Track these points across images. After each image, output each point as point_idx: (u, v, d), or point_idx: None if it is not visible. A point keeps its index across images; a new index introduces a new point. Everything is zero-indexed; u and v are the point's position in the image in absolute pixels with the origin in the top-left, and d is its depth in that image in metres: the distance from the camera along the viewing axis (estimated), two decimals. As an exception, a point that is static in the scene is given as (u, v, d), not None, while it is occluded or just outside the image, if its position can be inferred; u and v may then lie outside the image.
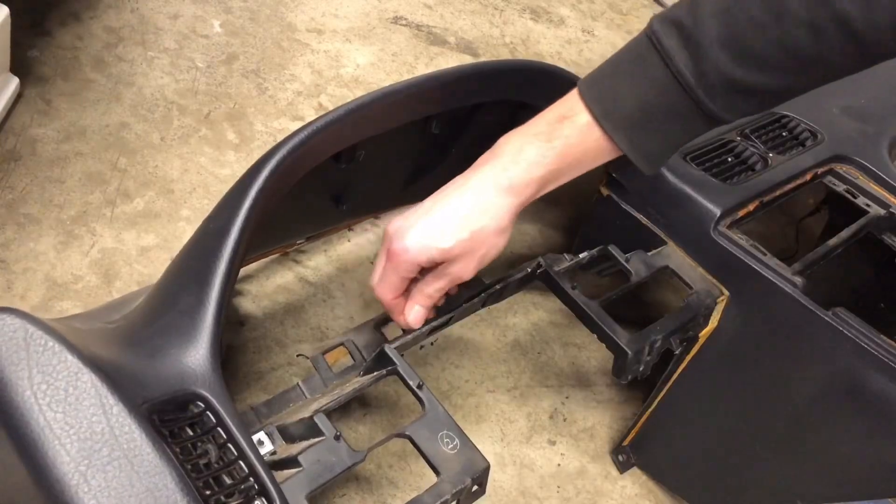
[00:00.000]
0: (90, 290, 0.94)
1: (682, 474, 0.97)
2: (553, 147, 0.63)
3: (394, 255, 0.65)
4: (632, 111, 0.61)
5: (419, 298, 0.69)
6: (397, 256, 0.64)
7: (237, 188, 0.64)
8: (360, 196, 0.90)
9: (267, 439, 0.61)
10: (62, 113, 1.10)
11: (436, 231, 0.64)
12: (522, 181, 0.63)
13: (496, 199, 0.64)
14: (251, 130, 1.18)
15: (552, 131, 0.63)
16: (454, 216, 0.64)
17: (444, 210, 0.64)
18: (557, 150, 0.63)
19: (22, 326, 0.48)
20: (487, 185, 0.64)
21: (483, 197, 0.64)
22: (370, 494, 0.89)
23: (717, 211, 0.82)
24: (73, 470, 0.45)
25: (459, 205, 0.64)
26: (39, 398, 0.46)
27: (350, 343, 0.75)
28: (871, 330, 0.74)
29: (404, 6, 1.51)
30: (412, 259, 0.64)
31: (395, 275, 0.66)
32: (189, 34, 1.28)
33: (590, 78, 0.64)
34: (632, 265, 0.83)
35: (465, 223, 0.63)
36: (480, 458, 0.62)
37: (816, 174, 0.94)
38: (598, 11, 1.72)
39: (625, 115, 0.61)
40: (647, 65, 0.60)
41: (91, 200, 1.02)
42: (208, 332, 0.56)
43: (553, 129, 0.63)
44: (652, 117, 0.61)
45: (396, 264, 0.65)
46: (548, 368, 1.07)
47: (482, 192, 0.64)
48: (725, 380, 0.86)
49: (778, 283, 0.78)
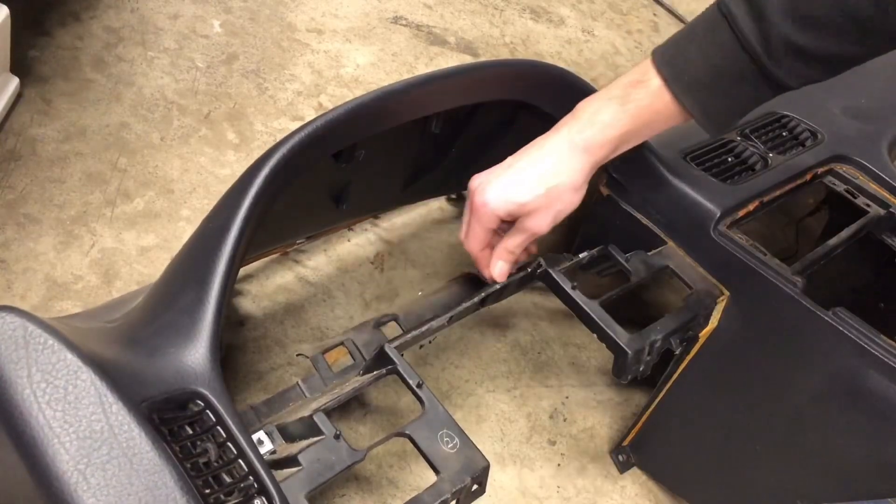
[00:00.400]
0: (90, 290, 0.94)
1: (682, 474, 0.96)
2: (626, 110, 0.67)
3: (476, 209, 0.71)
4: (700, 75, 0.64)
5: (501, 254, 0.74)
6: (479, 210, 0.70)
7: (237, 187, 0.63)
8: (360, 196, 0.90)
9: (266, 438, 0.61)
10: (62, 113, 1.10)
11: (514, 186, 0.69)
12: (597, 142, 0.68)
13: (571, 158, 0.68)
14: (251, 130, 1.18)
15: (626, 95, 0.67)
16: (532, 173, 0.69)
17: (523, 167, 0.69)
18: (630, 113, 0.67)
19: (21, 325, 0.48)
20: (563, 145, 0.68)
21: (559, 156, 0.68)
22: (370, 494, 0.89)
23: (717, 211, 0.82)
24: (73, 468, 0.45)
25: (537, 163, 0.69)
26: (39, 396, 0.46)
27: (350, 342, 0.75)
28: (871, 330, 0.74)
29: (404, 6, 1.51)
30: (492, 212, 0.70)
31: (479, 227, 0.72)
32: (189, 34, 1.28)
33: (663, 45, 0.67)
34: (632, 265, 0.83)
35: (541, 180, 0.68)
36: (480, 457, 0.62)
37: (816, 174, 0.94)
38: (598, 11, 1.72)
39: (694, 79, 0.64)
40: (717, 32, 0.63)
41: (91, 200, 1.02)
42: (208, 331, 0.56)
43: (627, 93, 0.67)
44: (720, 81, 0.64)
45: (479, 217, 0.71)
46: (548, 368, 1.07)
47: (559, 152, 0.68)
48: (725, 380, 0.86)
49: (778, 283, 0.78)
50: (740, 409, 0.85)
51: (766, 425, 0.83)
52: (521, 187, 0.69)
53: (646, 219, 0.87)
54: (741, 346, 0.83)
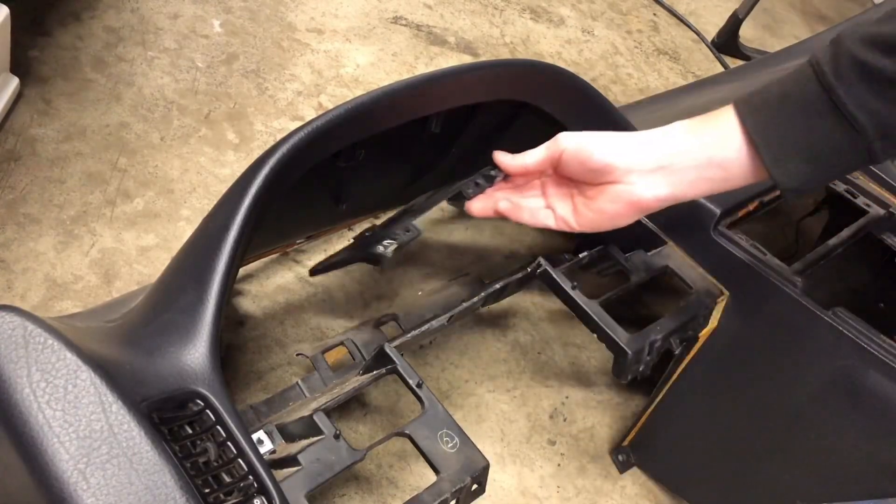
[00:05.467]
0: (90, 290, 0.94)
1: (682, 474, 0.96)
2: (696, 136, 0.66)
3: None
4: (769, 96, 0.62)
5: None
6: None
7: (237, 187, 0.63)
8: (359, 196, 0.90)
9: (266, 438, 0.61)
10: (62, 113, 1.10)
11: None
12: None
13: None
14: (251, 130, 1.18)
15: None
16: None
17: None
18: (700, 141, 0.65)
19: (21, 324, 0.48)
20: None
21: None
22: (370, 494, 0.89)
23: (717, 211, 0.82)
24: (73, 468, 0.44)
25: None
26: (39, 396, 0.46)
27: (350, 342, 0.75)
28: (871, 330, 0.74)
29: (404, 6, 1.51)
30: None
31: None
32: (189, 34, 1.28)
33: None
34: (632, 265, 0.83)
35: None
36: (480, 456, 0.62)
37: (816, 174, 0.94)
38: (598, 11, 1.72)
39: (761, 99, 0.62)
40: (800, 71, 0.61)
41: (91, 200, 1.02)
42: (208, 331, 0.56)
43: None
44: (785, 104, 0.61)
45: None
46: (548, 368, 1.07)
47: None
48: (725, 380, 0.86)
49: (778, 283, 0.78)
50: (740, 409, 0.85)
51: (766, 425, 0.83)
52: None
53: (646, 219, 0.87)
54: (741, 346, 0.83)
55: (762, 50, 1.78)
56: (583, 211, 0.69)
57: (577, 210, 0.70)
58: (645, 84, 1.58)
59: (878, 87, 0.57)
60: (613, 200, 0.67)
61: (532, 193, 0.74)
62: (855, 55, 0.57)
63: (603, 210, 0.68)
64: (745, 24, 1.72)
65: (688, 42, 1.77)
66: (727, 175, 0.65)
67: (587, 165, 0.67)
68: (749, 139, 0.61)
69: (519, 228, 1.20)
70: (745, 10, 1.69)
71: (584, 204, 0.69)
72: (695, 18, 1.84)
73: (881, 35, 0.57)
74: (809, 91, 0.59)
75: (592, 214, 0.69)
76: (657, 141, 0.66)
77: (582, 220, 0.70)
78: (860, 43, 0.57)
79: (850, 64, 0.58)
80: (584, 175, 0.68)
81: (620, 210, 0.67)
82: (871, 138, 0.58)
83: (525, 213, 0.73)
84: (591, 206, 0.68)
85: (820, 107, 0.59)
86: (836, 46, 0.59)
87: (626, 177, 0.66)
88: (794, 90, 0.60)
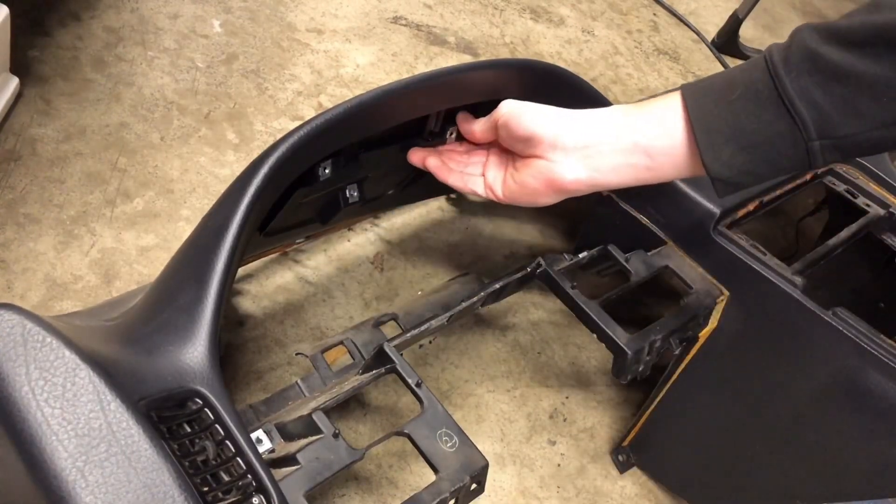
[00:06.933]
0: (90, 290, 0.94)
1: (682, 474, 0.96)
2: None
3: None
4: (714, 82, 0.60)
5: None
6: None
7: (236, 186, 0.63)
8: (360, 195, 0.90)
9: (265, 437, 0.61)
10: (62, 113, 1.10)
11: None
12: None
13: None
14: (251, 130, 1.18)
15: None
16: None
17: None
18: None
19: (20, 322, 0.48)
20: None
21: None
22: (370, 494, 0.89)
23: (717, 211, 0.82)
24: (71, 466, 0.44)
25: None
26: (37, 394, 0.46)
27: (349, 342, 0.75)
28: (871, 330, 0.74)
29: (404, 6, 1.51)
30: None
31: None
32: (189, 34, 1.28)
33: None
34: (632, 265, 0.83)
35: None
36: (479, 456, 0.62)
37: (816, 174, 0.94)
38: (598, 11, 1.72)
39: (706, 86, 0.61)
40: (754, 58, 0.60)
41: (91, 200, 1.02)
42: (207, 329, 0.56)
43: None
44: (729, 91, 0.59)
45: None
46: (548, 368, 1.07)
47: None
48: (725, 380, 0.85)
49: (778, 283, 0.78)
50: (740, 409, 0.85)
51: (766, 425, 0.83)
52: None
53: (646, 219, 0.87)
54: (741, 346, 0.83)
55: (762, 50, 1.78)
56: (509, 182, 0.69)
57: (506, 181, 0.70)
58: (645, 84, 1.58)
59: (824, 81, 0.55)
60: (535, 176, 0.66)
61: (476, 160, 0.75)
62: (808, 46, 0.56)
63: (525, 184, 0.67)
64: (745, 24, 1.72)
65: (688, 42, 1.77)
66: (652, 163, 0.62)
67: (514, 133, 0.66)
68: (689, 125, 0.60)
69: (519, 228, 1.20)
70: (745, 10, 1.70)
71: (511, 175, 0.69)
72: (695, 18, 1.84)
73: (841, 29, 0.55)
74: (756, 79, 0.58)
75: (516, 187, 0.68)
76: (588, 119, 0.64)
77: (507, 191, 0.70)
78: (817, 35, 0.56)
79: (802, 55, 0.56)
80: (514, 144, 0.68)
81: (539, 187, 0.66)
82: (811, 136, 0.56)
83: (454, 175, 0.74)
84: (517, 177, 0.68)
85: (765, 95, 0.57)
86: (792, 37, 0.58)
87: (550, 152, 0.64)
88: (742, 77, 0.59)
